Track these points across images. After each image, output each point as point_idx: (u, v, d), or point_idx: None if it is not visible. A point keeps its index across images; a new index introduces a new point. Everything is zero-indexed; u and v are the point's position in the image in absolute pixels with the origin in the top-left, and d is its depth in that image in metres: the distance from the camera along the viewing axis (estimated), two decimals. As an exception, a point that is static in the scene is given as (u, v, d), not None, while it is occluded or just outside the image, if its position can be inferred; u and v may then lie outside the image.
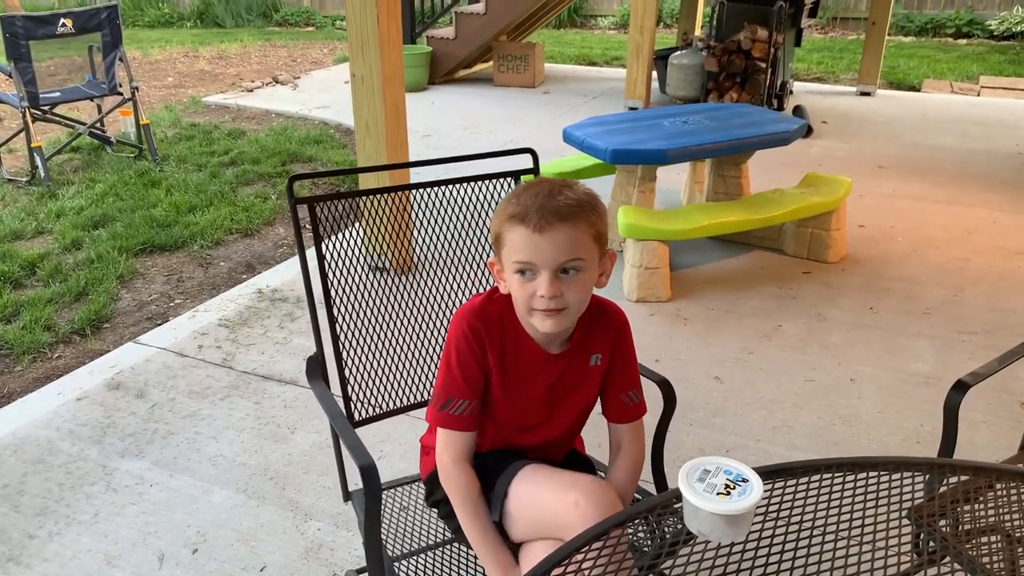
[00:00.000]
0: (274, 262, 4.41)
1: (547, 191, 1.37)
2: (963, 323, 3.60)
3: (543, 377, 1.52)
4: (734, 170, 4.55)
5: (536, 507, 1.43)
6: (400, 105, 3.84)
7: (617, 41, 12.41)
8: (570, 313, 1.40)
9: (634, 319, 3.56)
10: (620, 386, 1.56)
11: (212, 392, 3.07)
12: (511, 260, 1.38)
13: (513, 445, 1.58)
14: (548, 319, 1.39)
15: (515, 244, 1.36)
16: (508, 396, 1.52)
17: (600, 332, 1.53)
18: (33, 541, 2.33)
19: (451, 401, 1.48)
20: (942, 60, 10.35)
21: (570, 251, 1.35)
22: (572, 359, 1.52)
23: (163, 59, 10.88)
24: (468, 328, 1.47)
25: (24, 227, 4.74)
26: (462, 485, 1.48)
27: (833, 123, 7.23)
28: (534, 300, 1.38)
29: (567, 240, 1.34)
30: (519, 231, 1.35)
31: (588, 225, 1.37)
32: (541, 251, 1.34)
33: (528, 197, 1.37)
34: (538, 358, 1.50)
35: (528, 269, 1.37)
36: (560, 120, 6.90)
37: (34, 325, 3.62)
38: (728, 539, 1.07)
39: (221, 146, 6.47)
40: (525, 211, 1.35)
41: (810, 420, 2.90)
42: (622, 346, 1.56)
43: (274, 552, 2.28)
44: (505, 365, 1.49)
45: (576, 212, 1.36)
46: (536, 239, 1.34)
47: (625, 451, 1.57)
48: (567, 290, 1.37)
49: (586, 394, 1.56)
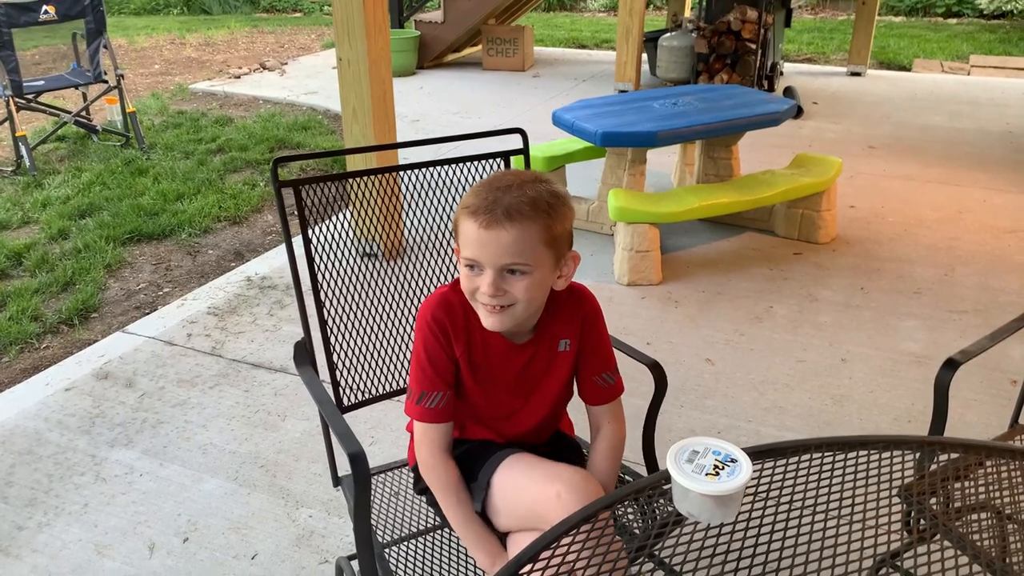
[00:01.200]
0: (263, 249, 4.38)
1: (506, 186, 1.34)
2: (954, 302, 3.60)
3: (511, 366, 1.51)
4: (724, 152, 4.53)
5: (518, 499, 1.42)
6: (387, 89, 3.80)
7: (607, 24, 12.35)
8: (515, 312, 1.38)
9: (625, 302, 3.58)
10: (593, 369, 1.55)
11: (201, 381, 3.06)
12: (462, 252, 1.37)
13: (493, 433, 1.57)
14: (491, 316, 1.38)
15: (465, 237, 1.35)
16: (480, 386, 1.51)
17: (568, 317, 1.52)
18: (22, 532, 2.31)
19: (425, 395, 1.47)
20: (932, 39, 10.34)
21: (514, 254, 1.32)
22: (538, 346, 1.51)
23: (149, 46, 10.79)
24: (433, 320, 1.45)
25: (10, 217, 4.70)
26: (442, 476, 1.47)
27: (823, 104, 7.22)
28: (478, 295, 1.37)
29: (512, 242, 1.31)
30: (469, 225, 1.33)
31: (540, 228, 1.33)
32: (486, 249, 1.32)
33: (486, 191, 1.34)
34: (503, 348, 1.49)
35: (475, 264, 1.36)
36: (550, 104, 6.87)
37: (21, 315, 3.60)
38: (718, 520, 1.06)
39: (208, 133, 6.42)
40: (478, 206, 1.32)
41: (801, 401, 2.90)
42: (593, 330, 1.54)
43: (265, 540, 2.27)
44: (472, 357, 1.48)
45: (528, 214, 1.32)
46: (483, 236, 1.32)
47: (604, 433, 1.56)
48: (511, 289, 1.35)
49: (557, 379, 1.55)
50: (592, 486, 1.36)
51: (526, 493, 1.40)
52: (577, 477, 1.36)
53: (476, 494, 1.47)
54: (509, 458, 1.46)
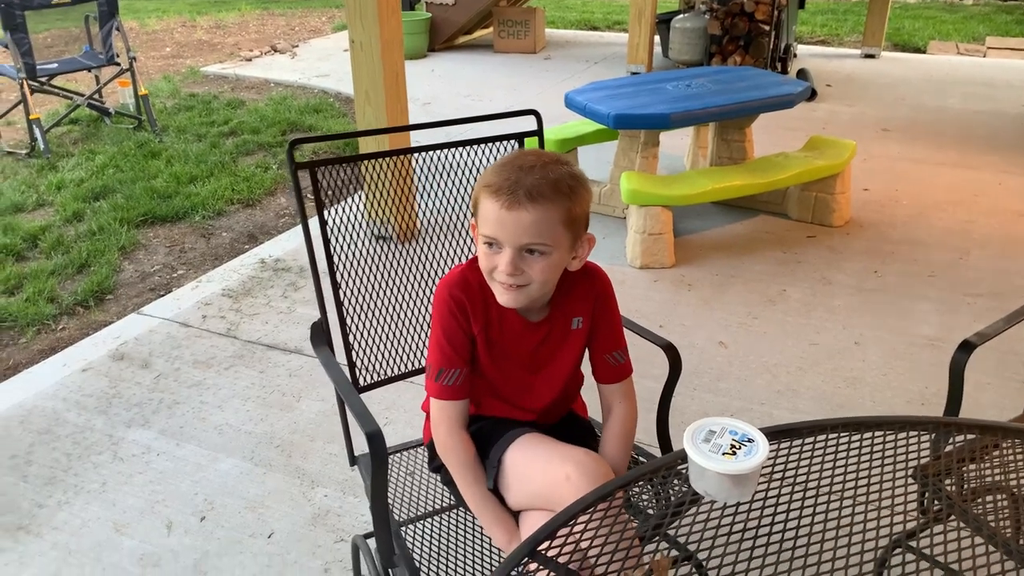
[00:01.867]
0: (276, 232, 4.39)
1: (528, 166, 1.35)
2: (968, 285, 3.58)
3: (526, 344, 1.52)
4: (738, 134, 4.51)
5: (529, 478, 1.43)
6: (400, 72, 3.80)
7: (619, 5, 12.26)
8: (530, 291, 1.40)
9: (638, 285, 3.58)
10: (604, 347, 1.57)
11: (217, 362, 3.08)
12: (481, 230, 1.39)
13: (507, 408, 1.58)
14: (506, 293, 1.40)
15: (485, 216, 1.36)
16: (495, 363, 1.52)
17: (581, 295, 1.53)
18: (42, 510, 2.34)
19: (443, 372, 1.48)
20: (948, 21, 10.23)
21: (535, 234, 1.34)
22: (553, 324, 1.52)
23: (161, 29, 10.78)
24: (451, 297, 1.47)
25: (25, 199, 4.72)
26: (460, 454, 1.49)
27: (837, 86, 7.16)
28: (495, 273, 1.38)
29: (533, 222, 1.33)
30: (490, 204, 1.35)
31: (561, 209, 1.34)
32: (506, 229, 1.34)
33: (507, 170, 1.35)
34: (519, 326, 1.51)
35: (493, 243, 1.37)
36: (562, 86, 6.84)
37: (37, 297, 3.62)
38: (734, 499, 1.07)
39: (220, 116, 6.43)
40: (499, 185, 1.34)
41: (814, 384, 2.90)
42: (605, 308, 1.56)
43: (281, 519, 2.30)
44: (489, 335, 1.50)
45: (549, 195, 1.33)
46: (504, 216, 1.33)
47: (616, 415, 1.57)
48: (529, 269, 1.37)
49: (570, 356, 1.56)
50: (603, 468, 1.37)
51: (537, 473, 1.41)
52: (588, 459, 1.37)
53: (488, 471, 1.49)
54: (522, 437, 1.48)
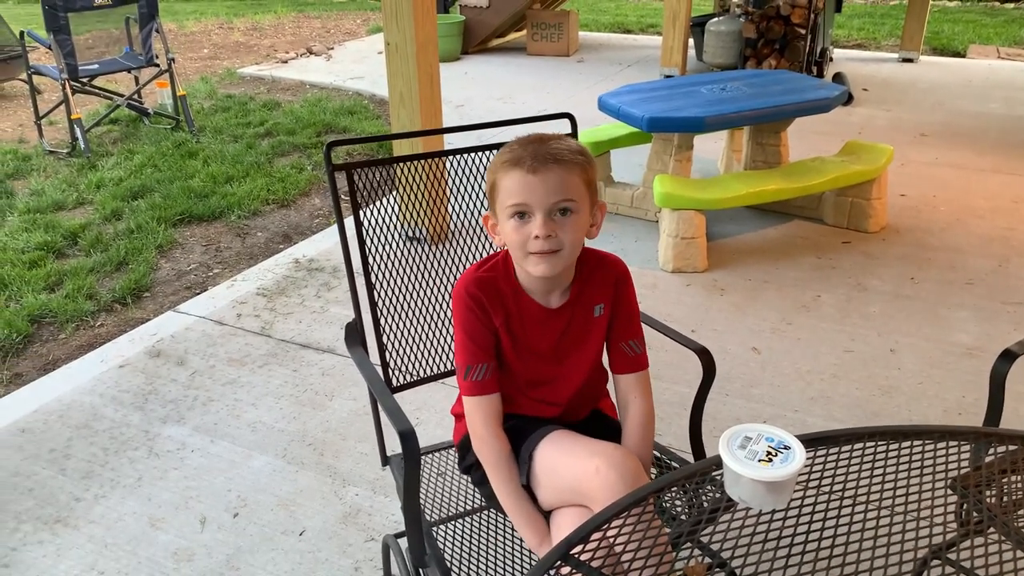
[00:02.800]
0: (310, 232, 4.43)
1: (539, 139, 1.43)
2: (1008, 293, 3.52)
3: (549, 333, 1.54)
4: (773, 138, 4.47)
5: (560, 472, 1.44)
6: (434, 73, 3.81)
7: (653, 8, 12.22)
8: (563, 256, 1.42)
9: (670, 289, 3.57)
10: (621, 335, 1.58)
11: (251, 360, 3.11)
12: (506, 205, 1.41)
13: (533, 404, 1.59)
14: (542, 262, 1.41)
15: (510, 188, 1.40)
16: (519, 356, 1.54)
17: (600, 282, 1.56)
18: (80, 503, 2.38)
19: (471, 368, 1.50)
20: (988, 25, 10.06)
21: (563, 191, 1.39)
22: (575, 311, 1.54)
23: (198, 31, 10.93)
24: (468, 295, 1.50)
25: (65, 198, 4.81)
26: (495, 449, 1.49)
27: (874, 90, 7.07)
28: (529, 243, 1.41)
29: (560, 181, 1.38)
30: (514, 175, 1.39)
31: (581, 170, 1.42)
32: (535, 192, 1.38)
33: (521, 147, 1.42)
34: (541, 315, 1.53)
35: (523, 211, 1.40)
36: (595, 89, 6.83)
37: (77, 294, 3.69)
38: (769, 506, 1.06)
39: (256, 117, 6.50)
40: (519, 156, 1.40)
41: (849, 391, 2.87)
42: (624, 295, 1.58)
43: (313, 517, 2.32)
44: (511, 327, 1.52)
45: (569, 156, 1.40)
46: (531, 180, 1.38)
47: (633, 411, 1.57)
48: (560, 231, 1.40)
49: (594, 344, 1.58)
50: (632, 462, 1.37)
51: (567, 468, 1.43)
52: (617, 453, 1.38)
53: (520, 467, 1.49)
54: (553, 433, 1.49)
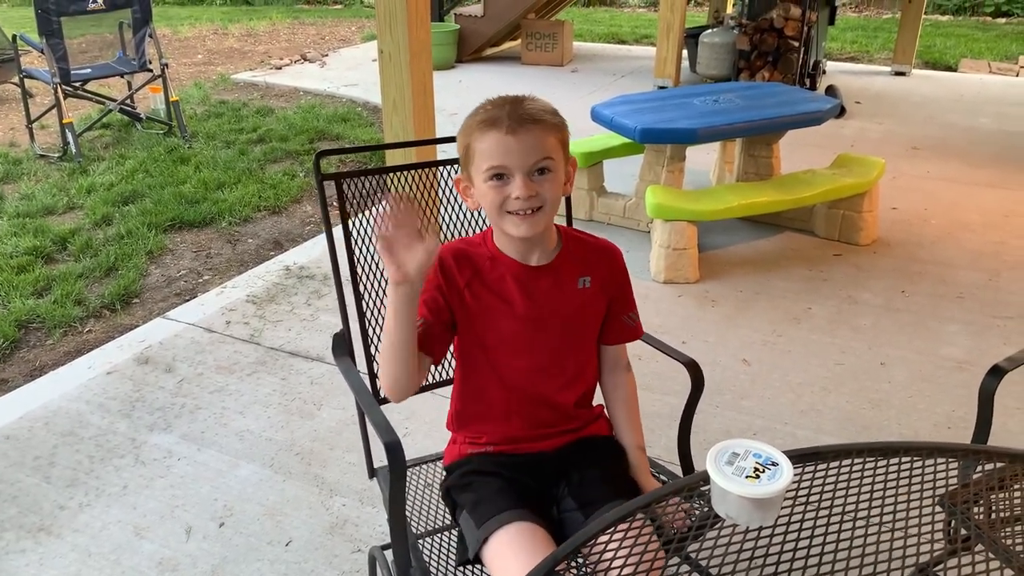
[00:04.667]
0: (301, 239, 4.42)
1: (512, 100, 1.42)
2: (998, 308, 3.53)
3: (526, 291, 1.50)
4: (765, 150, 4.48)
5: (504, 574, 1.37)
6: (428, 82, 3.81)
7: (647, 19, 12.27)
8: (545, 212, 1.42)
9: (661, 300, 3.56)
10: (621, 310, 1.61)
11: (239, 368, 3.10)
12: (483, 168, 1.40)
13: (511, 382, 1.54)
14: (523, 222, 1.41)
15: (488, 151, 1.39)
16: (489, 315, 1.50)
17: (597, 262, 1.56)
18: (63, 512, 2.36)
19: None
20: (980, 39, 10.13)
21: (542, 151, 1.38)
22: (557, 275, 1.52)
23: (193, 36, 10.93)
24: (437, 261, 1.46)
25: (56, 202, 4.79)
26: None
27: (867, 103, 7.11)
28: (508, 203, 1.40)
29: (538, 141, 1.38)
30: (491, 136, 1.38)
31: (555, 129, 1.41)
32: (514, 153, 1.37)
33: (495, 107, 1.41)
34: (519, 271, 1.50)
35: (502, 172, 1.39)
36: (588, 99, 6.81)
37: (65, 299, 3.67)
38: (756, 523, 1.05)
39: (249, 123, 6.49)
40: (495, 117, 1.38)
41: (839, 404, 2.87)
42: (621, 280, 1.60)
43: (299, 527, 2.30)
44: (478, 285, 1.49)
45: (546, 116, 1.40)
46: (509, 141, 1.37)
47: (620, 395, 1.63)
48: (541, 189, 1.40)
49: (578, 316, 1.55)
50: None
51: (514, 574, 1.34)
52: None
53: (471, 544, 1.43)
54: (513, 526, 1.39)
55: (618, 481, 1.54)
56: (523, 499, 1.46)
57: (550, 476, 1.55)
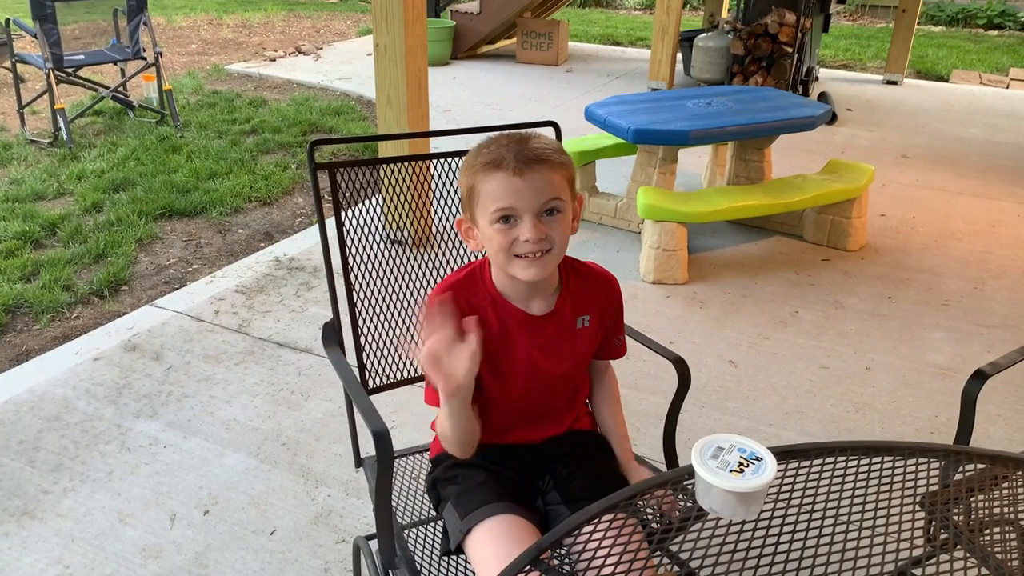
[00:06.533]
0: (292, 231, 4.42)
1: (517, 139, 1.37)
2: (983, 316, 3.56)
3: (527, 340, 1.48)
4: (756, 154, 4.51)
5: (485, 567, 1.36)
6: (422, 77, 3.82)
7: (642, 21, 12.29)
8: (554, 255, 1.38)
9: (649, 300, 3.58)
10: (612, 334, 1.62)
11: (227, 357, 3.09)
12: (490, 210, 1.35)
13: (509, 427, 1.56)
14: (532, 265, 1.37)
15: (494, 192, 1.34)
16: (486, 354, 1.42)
17: (594, 296, 1.54)
18: (48, 496, 2.35)
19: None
20: (972, 51, 10.20)
21: (550, 192, 1.34)
22: (559, 321, 1.49)
23: (187, 26, 10.88)
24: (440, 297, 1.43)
25: (46, 188, 4.77)
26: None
27: (858, 111, 7.15)
28: (516, 246, 1.35)
29: (546, 182, 1.34)
30: (497, 178, 1.33)
31: (562, 168, 1.37)
32: (522, 195, 1.32)
33: (499, 147, 1.35)
34: (523, 320, 1.47)
35: (510, 215, 1.34)
36: (582, 99, 6.85)
37: (53, 285, 3.65)
38: (740, 517, 1.06)
39: (242, 114, 6.47)
40: (500, 158, 1.33)
41: (823, 407, 2.89)
42: (616, 308, 1.59)
43: (284, 516, 2.30)
44: (486, 324, 1.44)
45: (552, 155, 1.36)
46: (516, 183, 1.32)
47: (605, 392, 1.67)
48: (550, 231, 1.35)
49: (570, 357, 1.53)
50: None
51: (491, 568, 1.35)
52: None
53: (453, 535, 1.44)
54: (496, 518, 1.40)
55: (605, 478, 1.55)
56: (507, 492, 1.47)
57: (535, 468, 1.56)
